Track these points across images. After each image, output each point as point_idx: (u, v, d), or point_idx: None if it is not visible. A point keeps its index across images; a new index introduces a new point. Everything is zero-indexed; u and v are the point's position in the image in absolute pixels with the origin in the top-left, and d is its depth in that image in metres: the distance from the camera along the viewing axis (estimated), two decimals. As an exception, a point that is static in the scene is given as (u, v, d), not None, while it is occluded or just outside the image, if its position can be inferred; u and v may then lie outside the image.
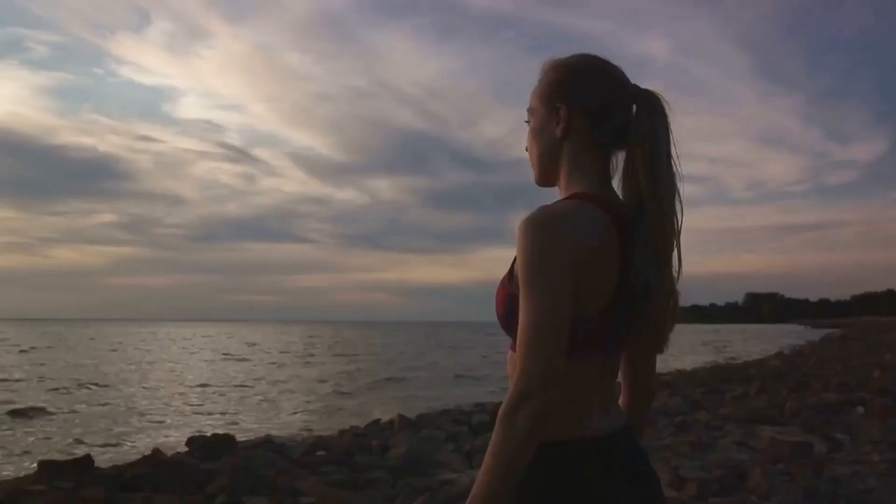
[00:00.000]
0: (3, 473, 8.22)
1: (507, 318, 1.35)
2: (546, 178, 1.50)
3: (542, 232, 1.27)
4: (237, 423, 13.64)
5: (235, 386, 21.52)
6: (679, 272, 1.42)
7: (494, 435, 1.22)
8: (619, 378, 1.58)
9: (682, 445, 8.02)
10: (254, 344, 56.82)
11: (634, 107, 1.43)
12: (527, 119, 1.51)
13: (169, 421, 14.10)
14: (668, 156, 1.40)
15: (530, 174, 1.54)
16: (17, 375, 23.96)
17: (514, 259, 1.34)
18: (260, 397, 18.57)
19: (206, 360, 34.74)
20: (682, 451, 7.79)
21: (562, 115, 1.43)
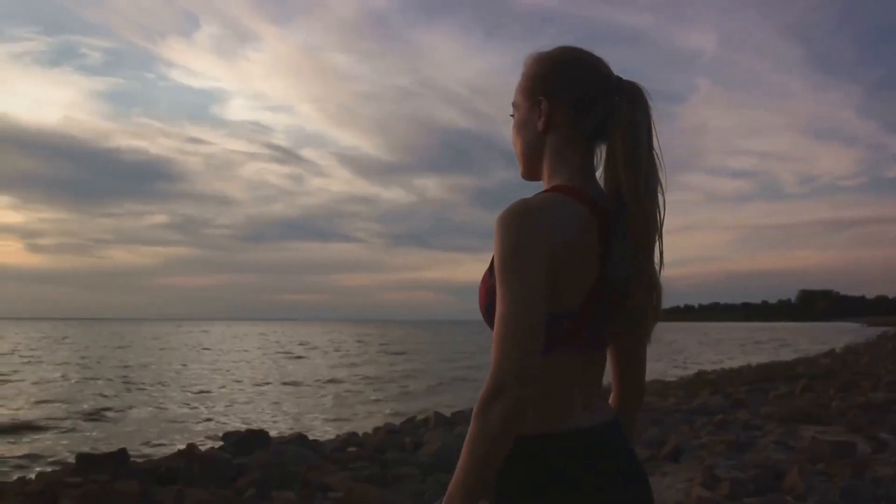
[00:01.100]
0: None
1: (489, 313, 1.33)
2: (531, 172, 1.49)
3: (517, 225, 1.26)
4: (279, 420, 13.85)
5: (292, 383, 21.74)
6: (661, 266, 1.40)
7: (469, 430, 1.21)
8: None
9: (719, 444, 7.86)
10: (306, 343, 57.42)
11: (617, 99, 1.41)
12: (511, 113, 1.52)
13: (224, 418, 14.38)
14: (650, 148, 1.38)
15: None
16: (100, 374, 24.73)
17: None
18: (320, 395, 18.78)
19: (267, 359, 35.23)
20: (718, 450, 7.64)
21: (543, 108, 1.42)
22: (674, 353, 38.93)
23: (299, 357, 35.98)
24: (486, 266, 1.37)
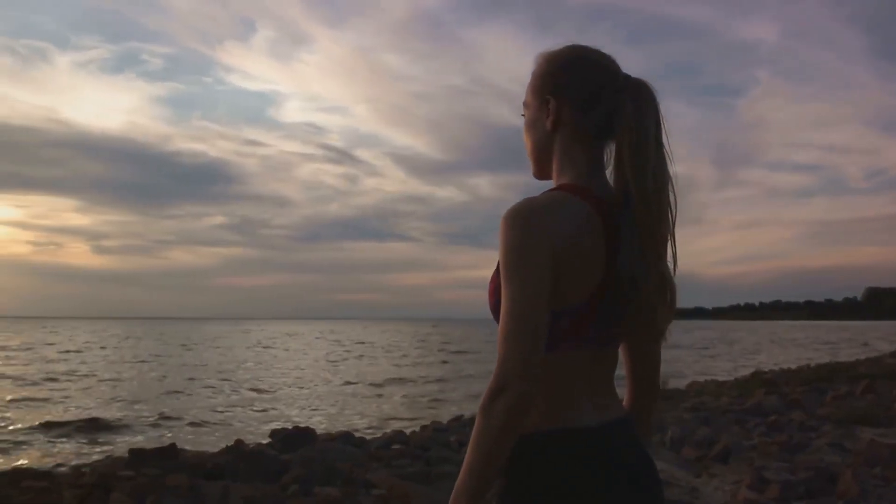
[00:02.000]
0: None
1: (496, 311, 1.34)
2: (541, 171, 1.50)
3: (521, 224, 1.27)
4: (330, 418, 14.03)
5: (349, 383, 21.95)
6: (675, 265, 1.39)
7: (474, 427, 1.23)
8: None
9: (771, 446, 7.67)
10: (364, 342, 57.84)
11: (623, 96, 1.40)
12: (522, 113, 1.52)
13: (277, 416, 14.64)
14: (659, 145, 1.37)
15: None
16: (163, 372, 25.45)
17: None
18: (376, 394, 18.91)
19: (324, 358, 35.65)
20: (770, 451, 7.45)
21: (551, 107, 1.43)
22: (742, 353, 38.18)
23: (359, 357, 36.20)
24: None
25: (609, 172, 1.43)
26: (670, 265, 1.39)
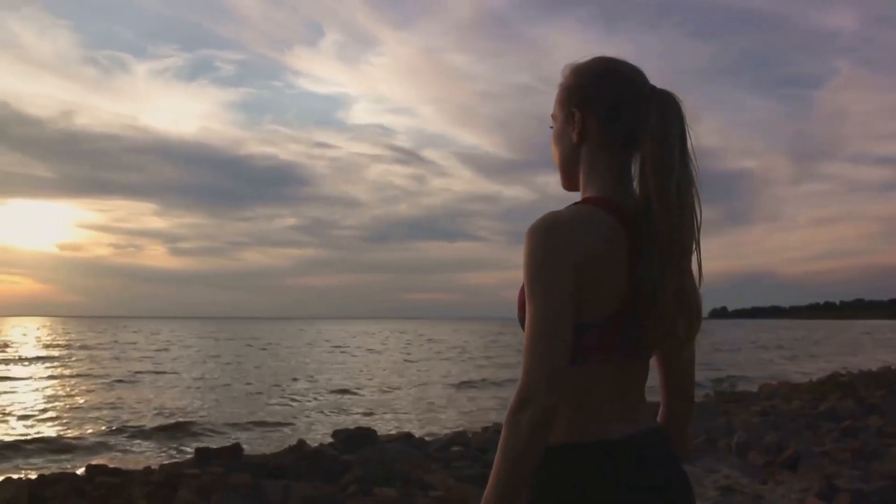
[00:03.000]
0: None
1: (524, 323, 1.36)
2: (569, 182, 1.50)
3: (544, 239, 1.29)
4: (395, 418, 14.17)
5: (420, 384, 22.03)
6: (700, 276, 1.40)
7: (500, 438, 1.25)
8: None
9: (843, 453, 7.38)
10: (436, 340, 57.97)
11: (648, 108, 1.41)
12: (551, 125, 1.53)
13: (345, 415, 14.86)
14: (683, 155, 1.37)
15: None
16: (238, 372, 26.14)
17: None
18: (444, 395, 18.97)
19: (396, 358, 35.95)
20: (842, 458, 7.18)
21: (576, 119, 1.43)
22: (819, 354, 36.86)
23: (432, 358, 36.29)
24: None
25: (636, 185, 1.43)
26: (694, 276, 1.39)
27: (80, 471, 7.60)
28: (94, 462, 8.15)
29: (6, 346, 45.51)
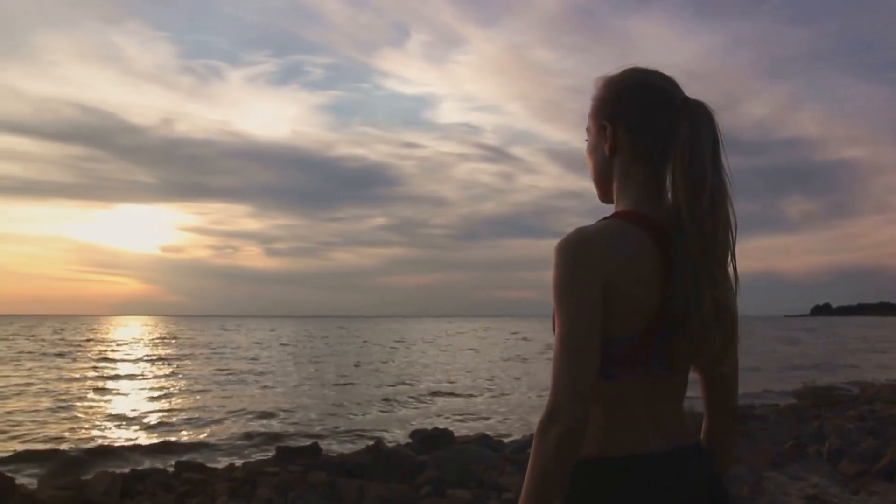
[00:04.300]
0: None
1: None
2: (605, 195, 1.50)
3: (571, 255, 1.29)
4: (480, 419, 14.18)
5: (508, 385, 21.99)
6: (736, 287, 1.38)
7: (531, 452, 1.26)
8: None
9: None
10: (530, 339, 57.65)
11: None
12: (586, 138, 1.53)
13: (429, 416, 14.91)
14: (716, 166, 1.35)
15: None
16: (333, 370, 26.79)
17: None
18: (531, 395, 18.87)
19: (487, 357, 35.87)
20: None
21: (608, 132, 1.43)
22: None
23: (524, 359, 36.01)
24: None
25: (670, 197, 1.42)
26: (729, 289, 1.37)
27: (171, 467, 7.92)
28: (184, 459, 8.48)
29: (115, 344, 48.04)
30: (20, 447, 10.79)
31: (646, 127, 1.40)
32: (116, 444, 11.36)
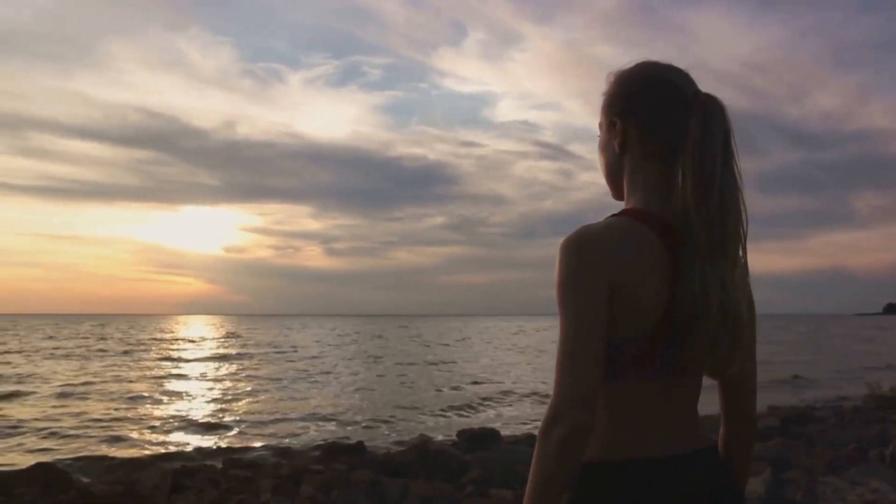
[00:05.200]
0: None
1: None
2: (616, 193, 1.47)
3: (576, 253, 1.26)
4: (529, 420, 14.07)
5: None
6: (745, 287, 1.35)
7: (533, 455, 1.25)
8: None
9: None
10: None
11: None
12: (598, 134, 1.50)
13: (480, 415, 14.94)
14: (727, 163, 1.31)
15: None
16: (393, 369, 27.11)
17: None
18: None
19: (548, 357, 35.80)
20: None
21: (618, 129, 1.40)
22: None
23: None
24: (767, 256, 1.34)
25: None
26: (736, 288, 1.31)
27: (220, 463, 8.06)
28: (233, 456, 8.62)
29: (179, 343, 49.35)
30: (80, 445, 11.15)
31: (655, 123, 1.36)
32: (171, 440, 11.66)
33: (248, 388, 20.23)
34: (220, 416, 14.66)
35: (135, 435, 12.18)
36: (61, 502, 6.01)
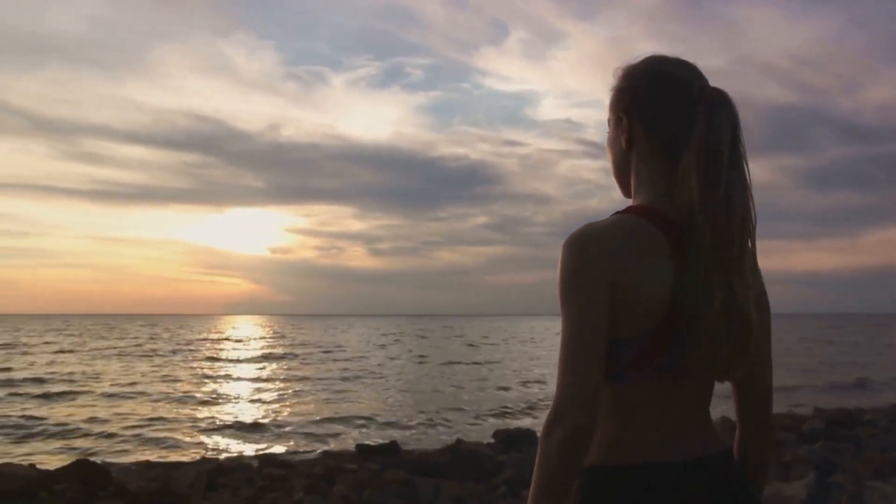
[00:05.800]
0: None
1: None
2: (625, 189, 1.44)
3: (577, 252, 1.24)
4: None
5: None
6: (755, 287, 1.29)
7: (536, 456, 1.22)
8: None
9: None
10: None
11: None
12: (607, 130, 1.47)
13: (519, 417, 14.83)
14: (733, 158, 1.26)
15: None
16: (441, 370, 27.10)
17: None
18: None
19: None
20: None
21: (624, 124, 1.37)
22: None
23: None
24: (820, 254, 1.29)
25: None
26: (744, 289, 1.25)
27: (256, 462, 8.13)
28: (269, 454, 8.69)
29: (226, 343, 50.19)
30: (122, 443, 11.36)
31: (661, 119, 1.32)
32: (212, 439, 11.81)
33: (292, 389, 20.44)
34: (263, 416, 14.85)
35: (177, 434, 12.39)
36: (99, 499, 6.11)
